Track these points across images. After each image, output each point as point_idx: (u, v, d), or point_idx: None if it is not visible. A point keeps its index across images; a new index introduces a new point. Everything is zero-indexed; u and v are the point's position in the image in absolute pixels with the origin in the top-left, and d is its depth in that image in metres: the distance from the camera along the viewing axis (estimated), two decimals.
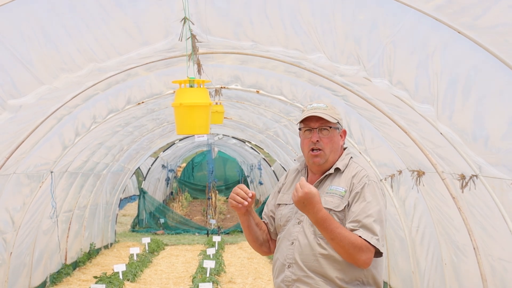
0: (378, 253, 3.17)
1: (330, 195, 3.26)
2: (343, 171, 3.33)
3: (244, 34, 4.70)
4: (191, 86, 3.95)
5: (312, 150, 3.32)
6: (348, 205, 3.21)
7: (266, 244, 3.56)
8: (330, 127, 3.32)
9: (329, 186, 3.30)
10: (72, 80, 4.88)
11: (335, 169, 3.34)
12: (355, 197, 3.19)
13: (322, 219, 3.08)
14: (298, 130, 3.46)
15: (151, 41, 4.71)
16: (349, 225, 3.14)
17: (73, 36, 4.21)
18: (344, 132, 3.45)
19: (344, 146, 3.47)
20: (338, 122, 3.35)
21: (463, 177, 4.96)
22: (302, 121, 3.35)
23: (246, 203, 3.33)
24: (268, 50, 5.07)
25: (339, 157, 3.38)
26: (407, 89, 4.50)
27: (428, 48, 3.87)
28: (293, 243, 3.28)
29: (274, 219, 3.52)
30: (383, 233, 3.15)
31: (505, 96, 3.70)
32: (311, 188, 3.08)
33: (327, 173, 3.34)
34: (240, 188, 3.35)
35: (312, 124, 3.32)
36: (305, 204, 3.08)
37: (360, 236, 3.08)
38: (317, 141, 3.30)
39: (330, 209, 3.21)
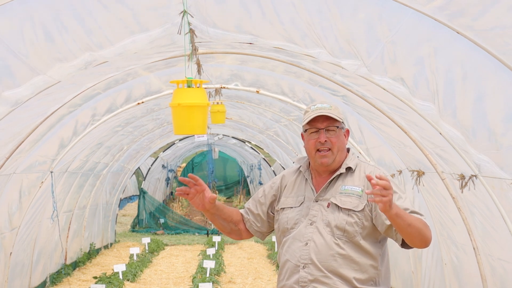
0: (405, 244, 3.17)
1: (346, 195, 3.24)
2: (354, 170, 3.33)
3: (243, 29, 4.69)
4: (189, 86, 3.94)
5: (319, 150, 3.28)
6: (372, 205, 3.19)
7: (237, 232, 3.54)
8: (337, 127, 3.31)
9: (342, 186, 3.28)
10: (68, 71, 4.86)
11: (346, 168, 3.32)
12: None
13: (398, 207, 2.97)
14: (298, 130, 3.44)
15: (148, 32, 4.67)
16: None
17: (68, 27, 4.19)
18: (347, 131, 3.44)
19: (346, 146, 3.46)
20: (342, 122, 3.35)
21: (462, 177, 4.96)
22: (308, 123, 3.33)
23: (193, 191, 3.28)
24: (269, 46, 5.06)
25: (345, 157, 3.37)
26: (408, 86, 4.50)
27: (428, 47, 3.87)
28: (307, 243, 3.24)
29: (260, 218, 3.49)
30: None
31: (504, 95, 3.71)
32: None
33: (338, 172, 3.32)
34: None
35: (319, 124, 3.29)
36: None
37: None
38: (325, 141, 3.28)
39: (349, 209, 3.20)
